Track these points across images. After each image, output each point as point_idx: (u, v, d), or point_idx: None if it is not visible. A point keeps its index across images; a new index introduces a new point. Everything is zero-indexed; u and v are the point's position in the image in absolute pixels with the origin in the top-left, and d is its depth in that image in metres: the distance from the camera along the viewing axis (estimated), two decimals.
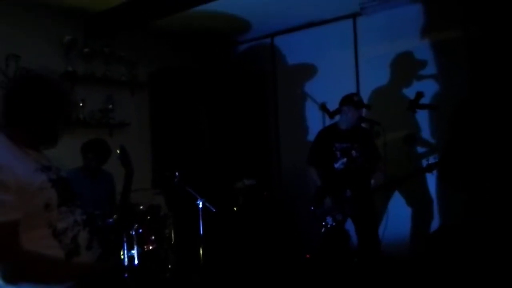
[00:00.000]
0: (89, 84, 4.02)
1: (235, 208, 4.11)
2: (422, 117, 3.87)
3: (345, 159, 3.47)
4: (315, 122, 4.51)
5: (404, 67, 4.04)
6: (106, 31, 4.07)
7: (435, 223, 3.88)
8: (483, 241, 3.18)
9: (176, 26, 4.48)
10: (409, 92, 3.85)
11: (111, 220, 2.66)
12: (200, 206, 3.13)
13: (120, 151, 2.00)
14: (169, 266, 3.14)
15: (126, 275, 2.49)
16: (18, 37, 3.61)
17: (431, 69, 3.90)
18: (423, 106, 3.62)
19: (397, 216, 3.88)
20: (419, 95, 3.56)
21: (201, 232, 3.13)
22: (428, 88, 3.78)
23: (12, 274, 1.27)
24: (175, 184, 3.17)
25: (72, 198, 1.50)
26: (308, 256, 3.85)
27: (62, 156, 1.62)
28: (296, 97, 4.84)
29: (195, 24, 4.49)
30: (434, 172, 3.22)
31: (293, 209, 4.51)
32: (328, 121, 4.06)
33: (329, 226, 3.37)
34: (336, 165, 3.50)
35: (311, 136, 4.18)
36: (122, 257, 2.73)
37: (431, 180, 3.87)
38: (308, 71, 4.70)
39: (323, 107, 4.28)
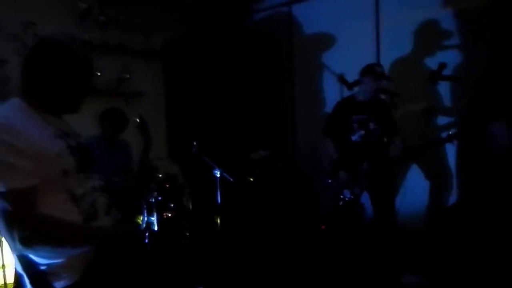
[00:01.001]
0: (105, 53, 3.99)
1: (251, 179, 4.12)
2: (443, 89, 3.77)
3: (362, 132, 3.41)
4: (332, 94, 4.44)
5: (426, 37, 3.90)
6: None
7: (453, 198, 3.84)
8: (499, 218, 3.14)
9: None
10: (431, 63, 3.74)
11: (128, 187, 2.69)
12: (218, 175, 3.13)
13: (138, 120, 2.00)
14: (187, 234, 3.18)
15: (146, 240, 2.53)
16: (33, 4, 3.58)
17: (454, 39, 3.76)
18: (445, 78, 3.51)
19: (415, 189, 3.85)
20: (442, 66, 3.44)
21: (218, 202, 3.15)
22: (451, 58, 3.66)
23: (29, 238, 1.28)
24: (192, 154, 3.17)
25: (90, 165, 1.51)
26: (323, 227, 3.86)
27: (77, 124, 1.61)
28: (313, 67, 4.74)
29: None
30: (454, 143, 3.15)
31: (307, 180, 4.50)
32: (346, 93, 3.98)
33: (346, 199, 3.35)
34: (353, 138, 3.44)
35: (328, 108, 4.12)
36: (141, 223, 2.77)
37: (451, 153, 3.80)
38: (326, 41, 4.58)
39: (341, 79, 4.19)
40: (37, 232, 1.30)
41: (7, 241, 1.33)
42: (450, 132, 3.13)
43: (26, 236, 1.27)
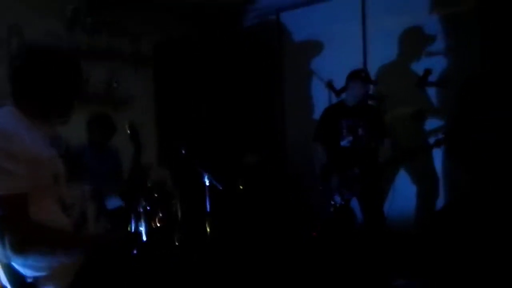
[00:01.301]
0: (93, 58, 3.95)
1: (240, 187, 4.11)
2: (431, 93, 3.81)
3: (351, 137, 3.44)
4: (321, 99, 4.46)
5: (413, 41, 3.95)
6: (110, 1, 3.98)
7: (440, 201, 3.88)
8: (489, 219, 3.18)
9: None
10: (418, 67, 3.78)
11: (118, 195, 2.66)
12: (207, 183, 3.11)
13: (129, 127, 1.98)
14: (176, 243, 3.15)
15: (134, 251, 2.50)
16: (19, 9, 3.53)
17: (440, 43, 3.81)
18: (431, 84, 3.57)
19: (403, 194, 3.88)
20: (427, 72, 3.50)
21: (208, 209, 3.13)
22: (438, 63, 3.71)
23: (21, 245, 1.27)
24: (182, 160, 3.15)
25: (80, 171, 1.50)
26: (314, 234, 3.86)
27: (66, 131, 1.60)
28: (302, 73, 4.77)
29: None
30: (442, 147, 3.20)
31: (297, 185, 4.51)
32: (334, 99, 4.01)
33: (337, 204, 3.36)
34: (343, 143, 3.47)
35: (317, 114, 4.14)
36: (130, 231, 2.74)
37: (438, 158, 3.85)
38: (314, 47, 4.62)
39: (329, 85, 4.22)
40: (29, 237, 1.29)
41: None
42: (438, 137, 3.17)
43: (17, 241, 1.27)
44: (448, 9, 3.76)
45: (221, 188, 3.13)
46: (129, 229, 2.73)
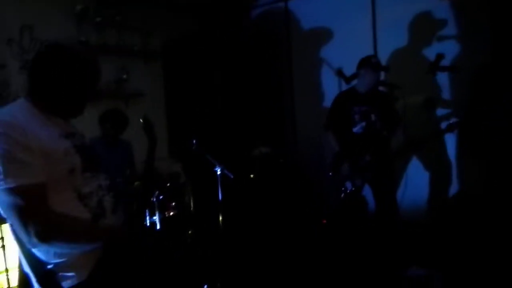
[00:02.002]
0: (102, 54, 3.99)
1: (251, 176, 4.13)
2: (443, 80, 3.78)
3: (364, 123, 3.41)
4: (331, 88, 4.44)
5: (423, 28, 3.90)
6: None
7: (453, 188, 3.86)
8: (503, 209, 3.16)
9: None
10: (429, 54, 3.74)
11: (133, 187, 2.70)
12: (219, 173, 3.14)
13: (143, 121, 2.00)
14: (189, 232, 3.19)
15: (149, 239, 2.54)
16: (30, 7, 3.57)
17: (451, 29, 3.77)
18: (443, 69, 3.53)
19: (416, 181, 3.86)
20: (439, 57, 3.46)
21: (220, 199, 3.16)
22: (449, 49, 3.67)
23: (44, 233, 1.29)
24: (193, 152, 3.18)
25: (96, 164, 1.52)
26: (324, 221, 3.87)
27: (77, 126, 1.62)
28: (311, 62, 4.74)
29: None
30: (455, 132, 3.17)
31: (309, 175, 4.51)
32: (345, 87, 3.99)
33: (348, 191, 3.36)
34: (355, 129, 3.44)
35: (327, 102, 4.12)
36: (145, 222, 2.78)
37: (450, 145, 3.82)
38: (323, 35, 4.59)
39: (339, 73, 4.20)
40: (52, 226, 1.31)
41: (21, 237, 1.33)
42: (451, 121, 3.15)
43: (41, 230, 1.29)
44: None
45: (232, 177, 3.16)
46: (144, 220, 2.77)
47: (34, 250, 1.39)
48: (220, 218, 3.16)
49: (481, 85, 3.60)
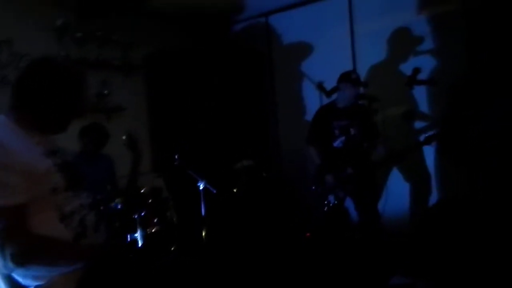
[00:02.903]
0: (83, 68, 3.95)
1: (234, 190, 4.12)
2: (421, 93, 3.87)
3: (343, 137, 3.48)
4: (312, 101, 4.50)
5: (401, 42, 4.01)
6: (99, 12, 3.99)
7: (433, 198, 3.93)
8: (481, 216, 3.22)
9: (170, 7, 4.41)
10: (407, 68, 3.82)
11: (115, 204, 2.66)
12: (201, 187, 3.13)
13: (126, 137, 1.99)
14: (172, 248, 3.15)
15: (132, 257, 2.50)
16: (8, 21, 3.53)
17: (428, 43, 3.87)
18: (421, 82, 3.61)
19: (397, 192, 3.92)
20: (416, 70, 3.54)
21: (203, 214, 3.14)
22: (426, 63, 3.77)
23: (21, 256, 1.27)
24: (175, 167, 3.17)
25: (78, 182, 1.50)
26: (308, 234, 3.89)
27: (59, 141, 1.60)
28: (293, 76, 4.81)
29: (189, 4, 4.42)
30: (433, 144, 3.24)
31: (292, 188, 4.53)
32: (325, 101, 4.05)
33: (331, 204, 3.39)
34: (335, 143, 3.50)
35: (309, 116, 4.17)
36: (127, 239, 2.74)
37: (429, 155, 3.90)
38: (304, 49, 4.66)
39: (320, 86, 4.25)
40: (30, 249, 1.29)
41: None
42: (428, 134, 3.21)
43: (18, 253, 1.26)
44: (435, 9, 3.82)
45: (215, 192, 3.15)
46: (125, 236, 2.73)
47: (13, 274, 1.36)
48: (204, 233, 3.14)
49: (457, 96, 3.70)
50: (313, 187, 3.52)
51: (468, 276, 2.82)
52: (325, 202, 3.41)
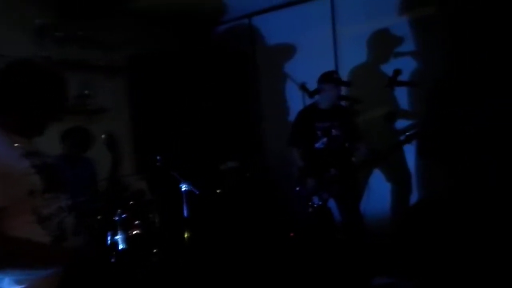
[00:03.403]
0: (65, 69, 3.90)
1: (218, 191, 4.12)
2: (402, 94, 3.92)
3: (325, 139, 3.50)
4: (297, 102, 4.51)
5: (383, 44, 4.06)
6: (81, 12, 3.95)
7: (414, 198, 3.98)
8: (461, 215, 3.28)
9: (154, 8, 4.39)
10: (389, 69, 3.87)
11: (95, 206, 2.64)
12: (184, 189, 3.12)
13: (106, 137, 1.97)
14: (154, 250, 3.13)
15: (113, 260, 2.49)
16: None
17: (409, 46, 3.93)
18: (401, 83, 3.66)
19: (378, 192, 3.96)
20: (397, 72, 3.58)
21: (186, 215, 3.13)
22: (407, 65, 3.82)
23: None
24: (158, 168, 3.16)
25: (57, 184, 1.48)
26: (292, 234, 3.90)
27: (40, 143, 1.58)
28: (277, 77, 4.82)
29: (172, 5, 4.41)
30: (413, 143, 3.27)
31: (276, 189, 4.55)
32: (309, 102, 4.07)
33: (315, 205, 3.41)
34: (317, 145, 3.53)
35: (293, 117, 4.19)
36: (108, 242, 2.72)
37: (410, 155, 3.95)
38: (287, 51, 4.68)
39: (303, 87, 4.27)
40: (5, 254, 1.27)
41: None
42: (409, 133, 3.24)
43: None
44: (416, 12, 3.88)
45: (197, 193, 3.15)
46: (106, 239, 2.71)
47: None
48: (186, 235, 3.14)
49: (438, 96, 3.76)
50: (297, 188, 3.53)
51: (449, 275, 2.87)
52: (309, 204, 3.42)
